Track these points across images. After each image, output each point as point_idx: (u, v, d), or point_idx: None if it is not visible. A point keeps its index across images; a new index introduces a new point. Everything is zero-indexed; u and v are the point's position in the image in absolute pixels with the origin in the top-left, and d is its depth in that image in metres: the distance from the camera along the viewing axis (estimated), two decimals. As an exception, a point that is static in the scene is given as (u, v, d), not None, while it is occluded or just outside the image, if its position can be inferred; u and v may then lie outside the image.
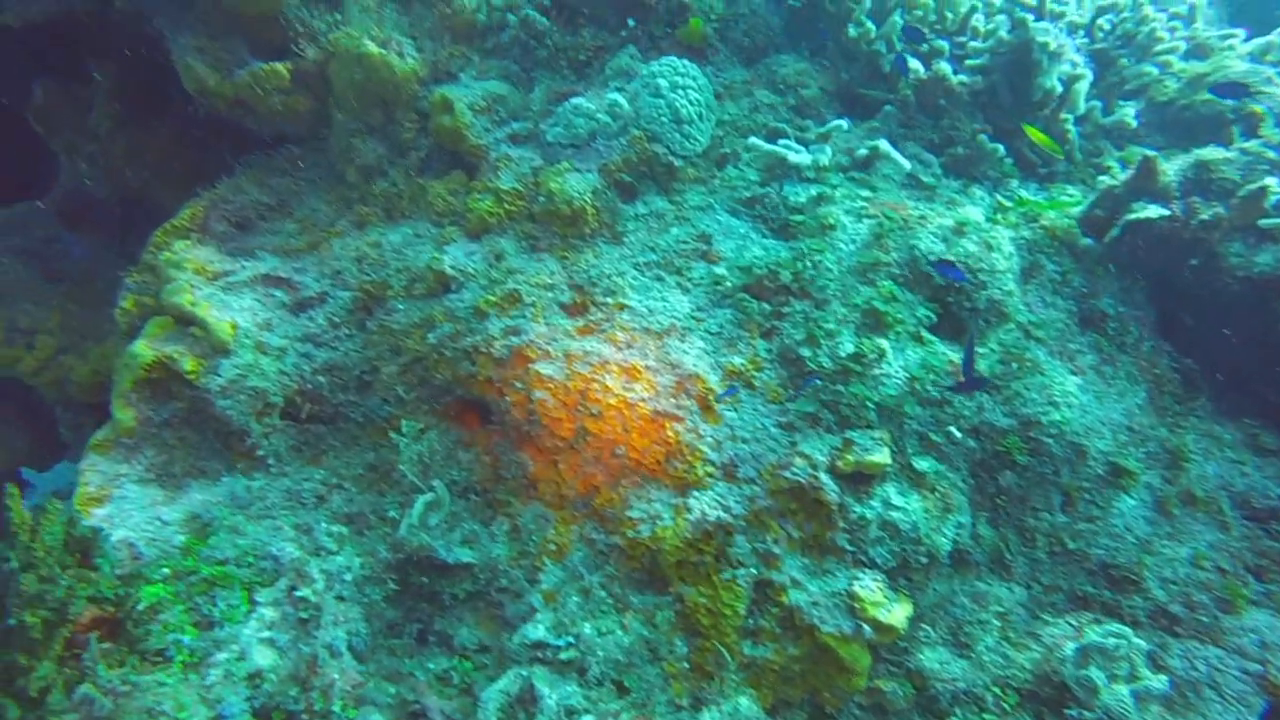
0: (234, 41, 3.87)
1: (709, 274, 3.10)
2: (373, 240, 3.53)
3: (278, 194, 4.00)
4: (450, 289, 3.24)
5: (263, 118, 3.97)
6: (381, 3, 4.18)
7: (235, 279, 3.38)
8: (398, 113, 3.87)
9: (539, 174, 3.35)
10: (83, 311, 4.53)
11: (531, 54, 3.73)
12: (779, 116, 3.46)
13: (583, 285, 3.12)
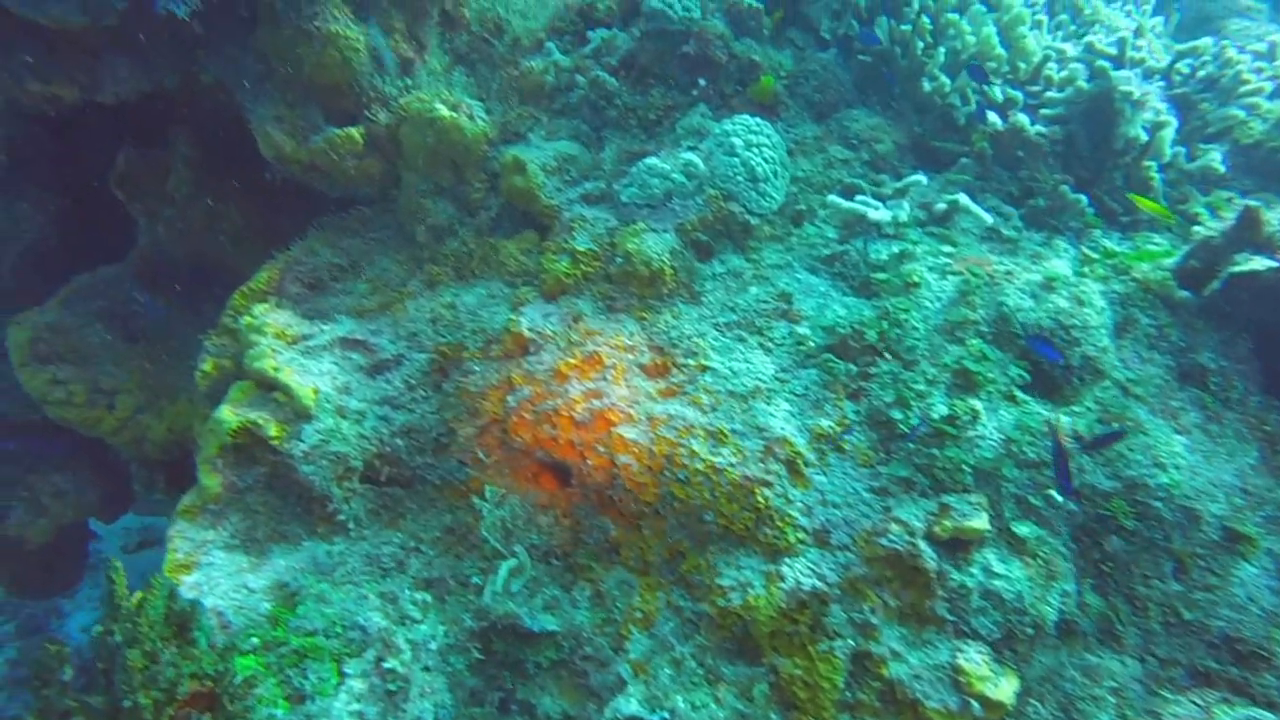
0: (309, 109, 3.97)
1: (791, 334, 3.06)
2: (447, 301, 3.56)
3: (349, 255, 4.06)
4: (529, 351, 3.24)
5: (336, 181, 4.05)
6: (449, 67, 4.28)
7: (314, 343, 3.42)
8: (467, 173, 3.92)
9: (615, 234, 3.35)
10: (159, 370, 4.62)
11: (601, 114, 3.76)
12: (854, 172, 3.44)
13: (663, 347, 3.10)
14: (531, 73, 4.01)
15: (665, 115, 3.66)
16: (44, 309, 4.43)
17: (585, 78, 3.86)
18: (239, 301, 3.78)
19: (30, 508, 5.61)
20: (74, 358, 4.30)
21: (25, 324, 4.26)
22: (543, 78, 3.98)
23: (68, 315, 4.40)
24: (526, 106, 3.99)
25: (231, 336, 3.77)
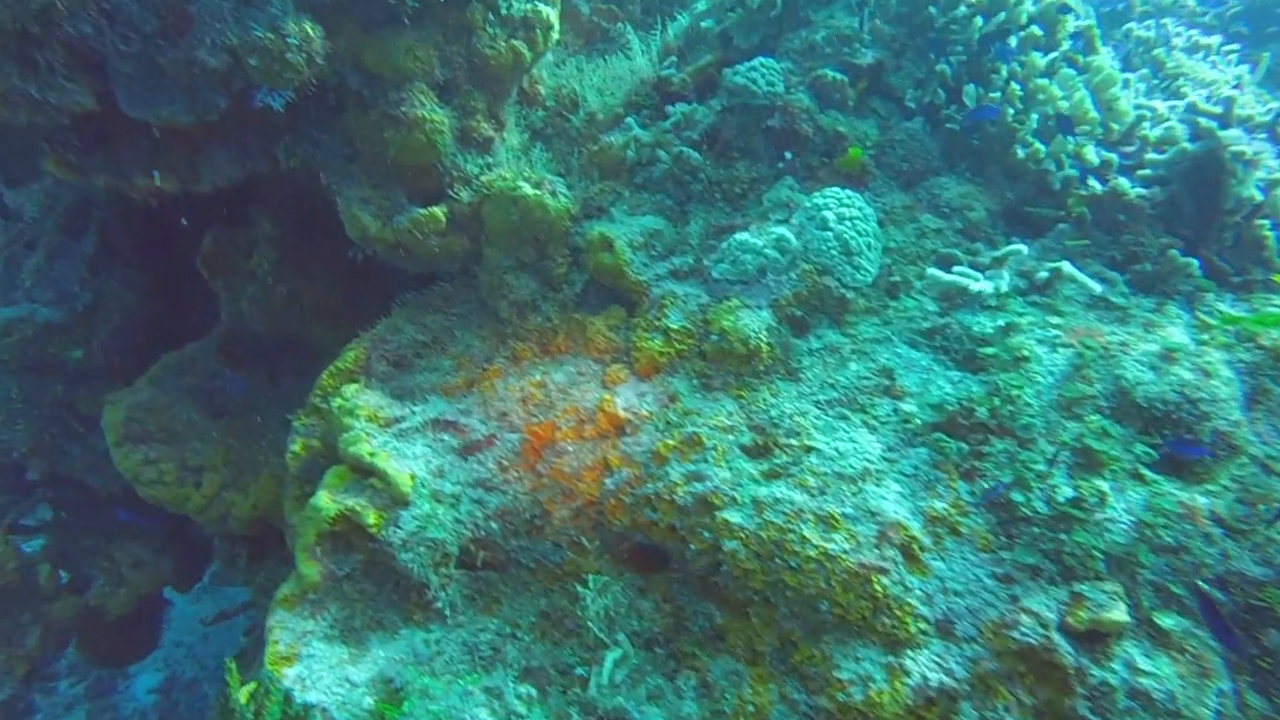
0: (394, 189, 4.04)
1: (895, 411, 2.98)
2: (537, 380, 3.54)
3: (432, 331, 4.08)
4: (624, 432, 3.20)
5: (420, 259, 4.10)
6: (528, 145, 4.33)
7: (406, 425, 3.42)
8: (550, 249, 3.94)
9: (708, 311, 3.32)
10: (242, 446, 4.68)
11: (685, 188, 3.76)
12: (947, 241, 3.37)
13: (764, 426, 3.04)
14: (612, 148, 4.05)
15: (751, 188, 3.65)
16: (136, 388, 4.53)
17: (667, 152, 3.87)
18: (328, 382, 3.82)
19: (111, 578, 5.69)
20: (164, 436, 4.37)
21: (119, 404, 4.35)
22: (623, 153, 4.01)
23: (158, 394, 4.49)
24: (608, 181, 4.02)
25: (320, 416, 3.80)
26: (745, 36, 3.98)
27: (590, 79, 4.55)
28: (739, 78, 3.59)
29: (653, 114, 4.18)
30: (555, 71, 4.65)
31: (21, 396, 5.30)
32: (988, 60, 3.47)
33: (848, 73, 3.62)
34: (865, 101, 3.67)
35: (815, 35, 3.67)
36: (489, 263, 4.03)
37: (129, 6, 3.19)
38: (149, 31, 3.25)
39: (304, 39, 3.42)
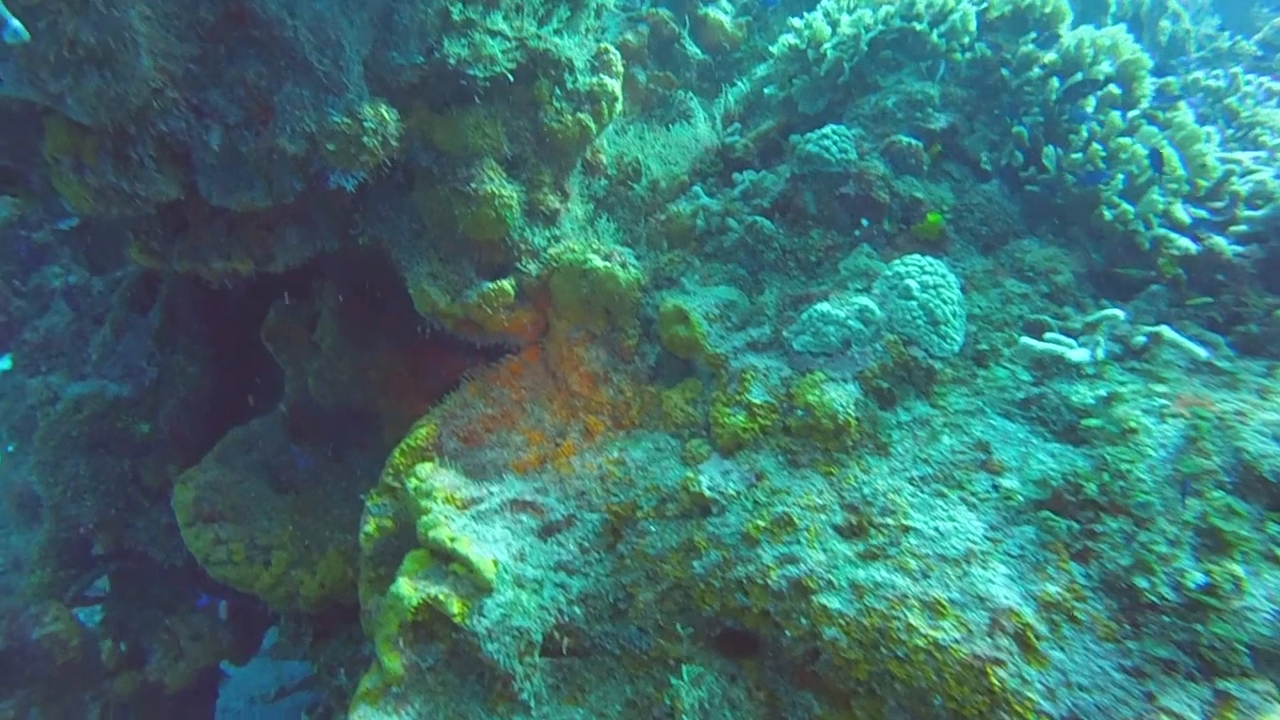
0: (462, 264, 4.05)
1: (995, 487, 2.86)
2: (614, 457, 3.48)
3: (501, 405, 4.04)
4: (710, 511, 3.11)
5: (489, 333, 4.09)
6: (593, 215, 4.34)
7: (485, 507, 3.36)
8: (621, 320, 3.90)
9: (791, 385, 3.24)
10: (309, 522, 4.66)
11: (758, 257, 3.72)
12: (1034, 306, 3.28)
13: (856, 505, 2.94)
14: (680, 217, 4.03)
15: (826, 256, 3.60)
16: (204, 466, 4.54)
17: (738, 221, 3.84)
18: (400, 460, 3.78)
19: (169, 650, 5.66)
20: (233, 515, 4.36)
21: (190, 483, 4.36)
22: (692, 221, 3.99)
23: (226, 471, 4.50)
24: (677, 250, 3.99)
25: (393, 495, 3.76)
26: (811, 103, 3.96)
27: (652, 147, 4.56)
28: (811, 146, 3.57)
29: (719, 181, 4.17)
30: (615, 139, 4.68)
31: (90, 472, 5.35)
32: (1066, 121, 3.41)
33: (920, 137, 3.58)
34: (939, 165, 3.61)
35: (886, 101, 3.64)
36: (558, 335, 4.00)
37: (216, 100, 3.26)
38: (233, 122, 3.31)
39: (380, 122, 3.47)
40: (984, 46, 3.63)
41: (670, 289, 3.89)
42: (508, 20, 3.72)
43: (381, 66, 3.52)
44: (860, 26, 3.73)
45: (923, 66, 3.67)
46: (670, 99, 5.01)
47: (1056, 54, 3.49)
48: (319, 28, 3.29)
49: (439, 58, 3.58)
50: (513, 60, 3.69)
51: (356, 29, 3.40)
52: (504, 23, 3.69)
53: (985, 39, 3.69)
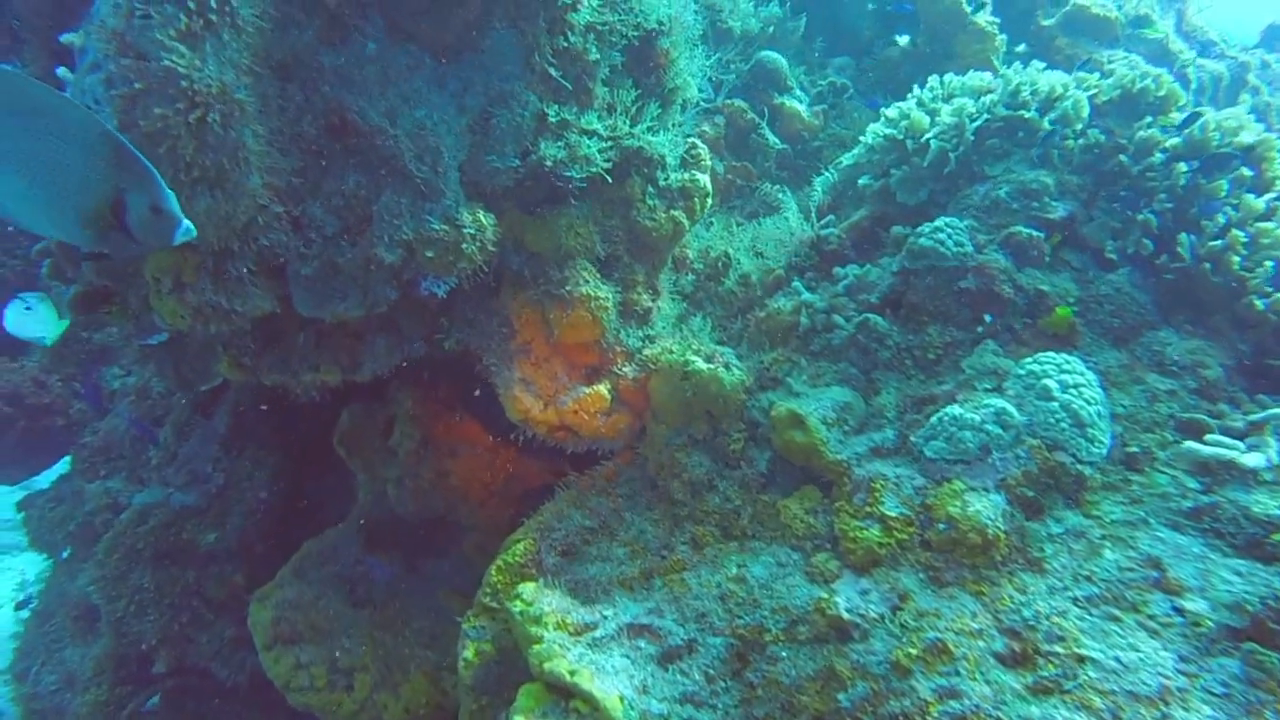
0: (555, 368, 3.90)
1: (1177, 610, 2.61)
2: (733, 574, 3.25)
3: (600, 516, 3.84)
4: (851, 637, 2.86)
5: (583, 439, 3.92)
6: (686, 313, 4.20)
7: (600, 634, 3.13)
8: (724, 424, 3.72)
9: (926, 495, 3.03)
10: (388, 638, 4.42)
11: (871, 355, 3.54)
12: (1185, 404, 3.07)
13: (1018, 630, 2.68)
14: (780, 314, 3.88)
15: (946, 354, 3.42)
16: (280, 582, 4.34)
17: (844, 317, 3.69)
18: (498, 579, 3.57)
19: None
20: (313, 635, 4.14)
21: (267, 602, 4.16)
22: (794, 319, 3.84)
23: (305, 588, 4.30)
24: (780, 350, 3.83)
25: (491, 617, 3.54)
26: (911, 193, 3.85)
27: (740, 240, 4.46)
28: (925, 240, 3.43)
29: (817, 276, 4.03)
30: (700, 233, 4.59)
31: (154, 585, 5.17)
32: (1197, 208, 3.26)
33: (1039, 227, 3.43)
34: (1057, 255, 3.46)
35: (998, 190, 3.51)
36: (656, 440, 3.82)
37: (314, 211, 3.18)
38: (330, 233, 3.23)
39: (478, 228, 3.38)
40: (1096, 132, 3.51)
41: (776, 390, 3.72)
42: (602, 120, 3.66)
43: (477, 171, 3.45)
44: (963, 115, 3.63)
45: (1034, 154, 3.55)
46: (752, 189, 4.94)
47: (1179, 138, 3.35)
48: (419, 135, 3.23)
49: (535, 160, 3.51)
50: (608, 160, 3.62)
51: (454, 135, 3.34)
52: (598, 123, 3.63)
53: (1096, 124, 3.57)
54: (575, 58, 3.53)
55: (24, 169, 2.00)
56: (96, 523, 6.41)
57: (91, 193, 2.04)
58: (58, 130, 1.99)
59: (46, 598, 6.61)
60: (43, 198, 2.03)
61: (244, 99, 2.71)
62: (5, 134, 1.97)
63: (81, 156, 2.02)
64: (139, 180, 2.10)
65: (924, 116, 3.79)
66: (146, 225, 2.12)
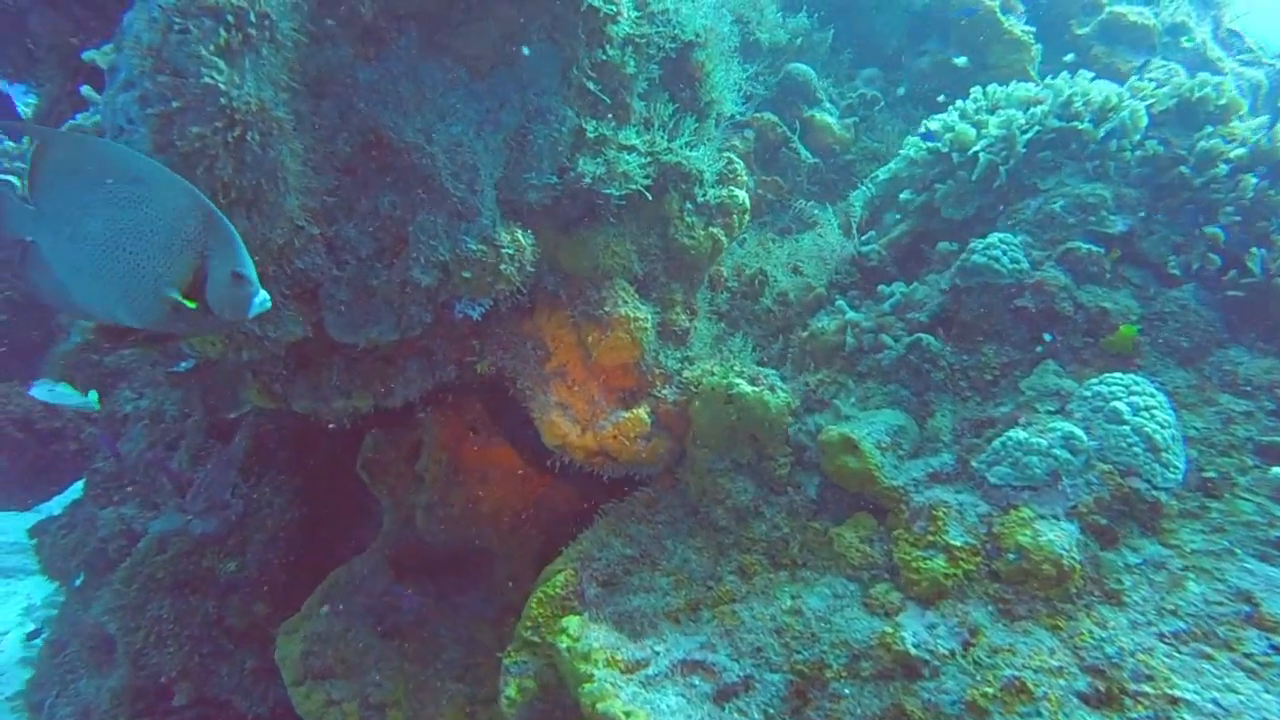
0: (592, 392, 3.78)
1: (1275, 650, 2.46)
2: (789, 606, 3.11)
3: (639, 543, 3.71)
4: (920, 674, 2.72)
5: (621, 464, 3.78)
6: (723, 333, 4.08)
7: (652, 671, 2.99)
8: (769, 448, 3.59)
9: (993, 524, 2.89)
10: (419, 670, 4.27)
11: (923, 376, 3.41)
12: (1263, 426, 2.93)
13: (1101, 667, 2.54)
14: (825, 334, 3.75)
15: (1003, 375, 3.29)
16: (307, 613, 4.20)
17: (892, 336, 3.56)
18: (539, 611, 3.43)
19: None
20: (343, 669, 3.99)
21: (295, 635, 4.01)
22: (839, 338, 3.71)
23: (334, 620, 4.15)
24: (825, 371, 3.70)
25: (532, 651, 3.39)
26: (957, 208, 3.73)
27: (776, 256, 4.34)
28: (978, 257, 3.30)
29: (860, 294, 3.91)
30: (734, 250, 4.47)
31: (174, 615, 5.03)
32: (1270, 222, 3.13)
33: (1097, 242, 3.31)
34: (1116, 271, 3.33)
35: (1052, 205, 3.39)
36: (698, 465, 3.69)
37: (349, 233, 3.07)
38: (365, 255, 3.11)
39: (517, 248, 3.26)
40: (1155, 143, 3.40)
41: (822, 412, 3.59)
42: (640, 135, 3.55)
43: (513, 189, 3.34)
44: (1013, 128, 3.51)
45: (1089, 167, 3.43)
46: (785, 205, 4.82)
47: (1245, 148, 3.23)
48: (455, 152, 3.12)
49: (573, 177, 3.39)
50: (647, 176, 3.50)
51: (490, 152, 3.23)
52: (637, 138, 3.52)
53: (1153, 135, 3.45)
54: (613, 71, 3.42)
55: (103, 240, 1.90)
56: (110, 550, 6.26)
57: (175, 258, 1.93)
58: (142, 193, 1.91)
59: (59, 627, 6.47)
60: (122, 269, 1.91)
61: (282, 116, 2.60)
62: (82, 203, 1.88)
63: (169, 219, 1.92)
64: (223, 243, 1.99)
65: (969, 129, 3.67)
66: (226, 295, 2.01)
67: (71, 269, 1.91)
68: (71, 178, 1.88)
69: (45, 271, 1.94)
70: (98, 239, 1.89)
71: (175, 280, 1.95)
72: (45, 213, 1.90)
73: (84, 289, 1.94)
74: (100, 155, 1.92)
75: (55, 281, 1.94)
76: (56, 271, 1.93)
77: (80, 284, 1.94)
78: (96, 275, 1.91)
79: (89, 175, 1.88)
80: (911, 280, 3.73)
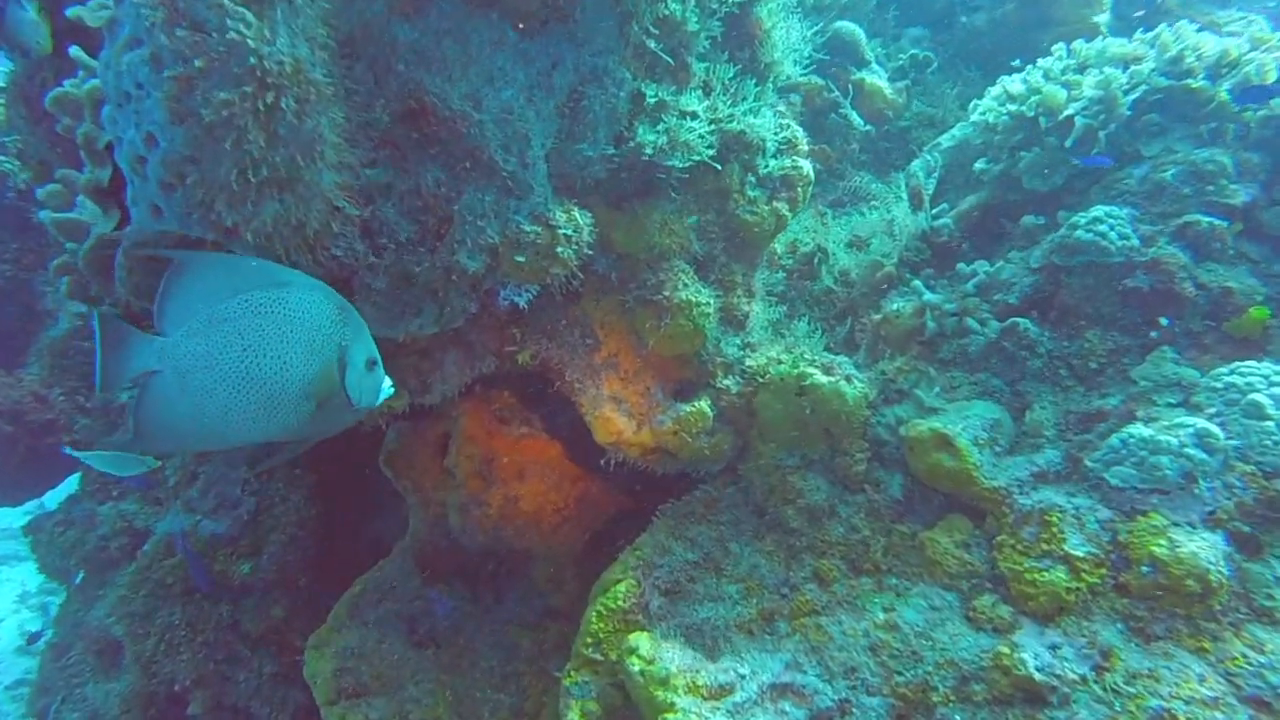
0: (648, 383, 3.46)
1: None
2: (883, 620, 2.83)
3: (702, 548, 3.42)
4: (1044, 700, 2.44)
5: (680, 461, 3.48)
6: (784, 317, 3.75)
7: (740, 698, 2.70)
8: (845, 443, 3.29)
9: (1117, 531, 2.60)
10: (457, 681, 3.98)
11: (1019, 364, 3.11)
12: None
13: (1265, 698, 2.27)
14: (900, 317, 3.44)
15: (1110, 363, 2.99)
16: (336, 624, 3.89)
17: (978, 321, 3.25)
18: (599, 627, 3.13)
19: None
20: (380, 686, 3.70)
21: (325, 651, 3.71)
22: (916, 322, 3.39)
23: (366, 631, 3.85)
24: (902, 358, 3.39)
25: (593, 670, 3.11)
26: (1043, 179, 3.40)
27: (835, 233, 4.00)
28: (1083, 233, 2.99)
29: (934, 273, 3.59)
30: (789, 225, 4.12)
31: (186, 621, 4.72)
32: None
33: (1217, 215, 2.99)
34: (1236, 247, 3.02)
35: (1163, 174, 3.07)
36: (765, 461, 3.39)
37: (386, 213, 2.71)
38: (404, 239, 2.76)
39: (575, 228, 2.91)
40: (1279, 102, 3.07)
41: (902, 404, 3.28)
42: (700, 101, 3.20)
43: (565, 162, 2.98)
44: (1113, 88, 3.18)
45: (1203, 130, 3.11)
46: (835, 174, 4.48)
47: (1383, 109, 2.92)
48: (505, 120, 2.76)
49: (632, 147, 3.04)
50: (710, 146, 3.16)
51: (542, 120, 2.87)
52: (698, 104, 3.17)
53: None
54: (674, 28, 3.05)
55: (244, 351, 1.87)
56: (111, 548, 5.93)
57: (319, 355, 1.93)
58: (279, 296, 1.91)
59: (61, 628, 6.14)
60: (266, 376, 1.88)
61: (320, 79, 2.23)
62: (219, 318, 1.86)
63: (309, 316, 1.93)
64: (358, 331, 2.01)
65: (1059, 90, 3.33)
66: (364, 383, 2.01)
67: (204, 391, 1.85)
68: (205, 296, 1.88)
69: (164, 406, 1.86)
70: (238, 351, 1.85)
71: (322, 377, 1.94)
72: (176, 337, 1.86)
73: (219, 411, 1.87)
74: (234, 267, 1.90)
75: (175, 416, 1.87)
76: (182, 402, 1.86)
77: (214, 406, 1.86)
78: (237, 390, 1.86)
79: (223, 289, 1.88)
80: (985, 258, 3.42)
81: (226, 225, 2.21)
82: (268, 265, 1.96)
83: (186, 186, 2.11)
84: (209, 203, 2.14)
